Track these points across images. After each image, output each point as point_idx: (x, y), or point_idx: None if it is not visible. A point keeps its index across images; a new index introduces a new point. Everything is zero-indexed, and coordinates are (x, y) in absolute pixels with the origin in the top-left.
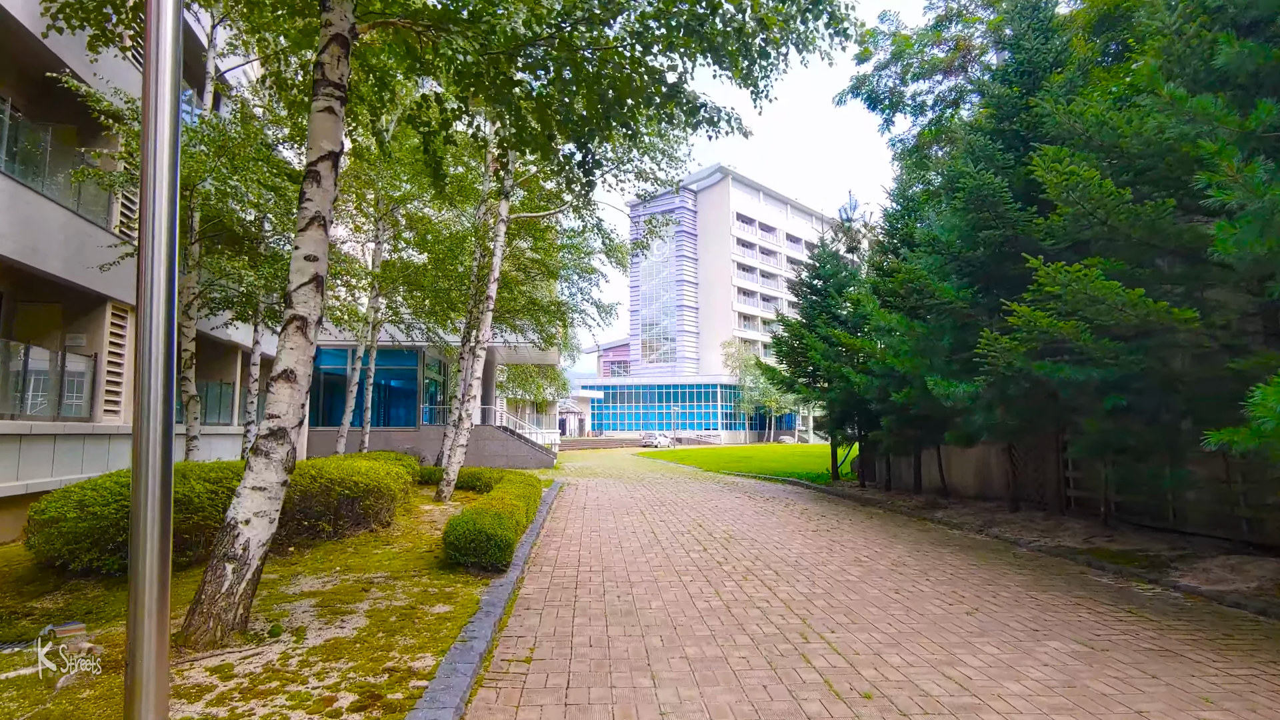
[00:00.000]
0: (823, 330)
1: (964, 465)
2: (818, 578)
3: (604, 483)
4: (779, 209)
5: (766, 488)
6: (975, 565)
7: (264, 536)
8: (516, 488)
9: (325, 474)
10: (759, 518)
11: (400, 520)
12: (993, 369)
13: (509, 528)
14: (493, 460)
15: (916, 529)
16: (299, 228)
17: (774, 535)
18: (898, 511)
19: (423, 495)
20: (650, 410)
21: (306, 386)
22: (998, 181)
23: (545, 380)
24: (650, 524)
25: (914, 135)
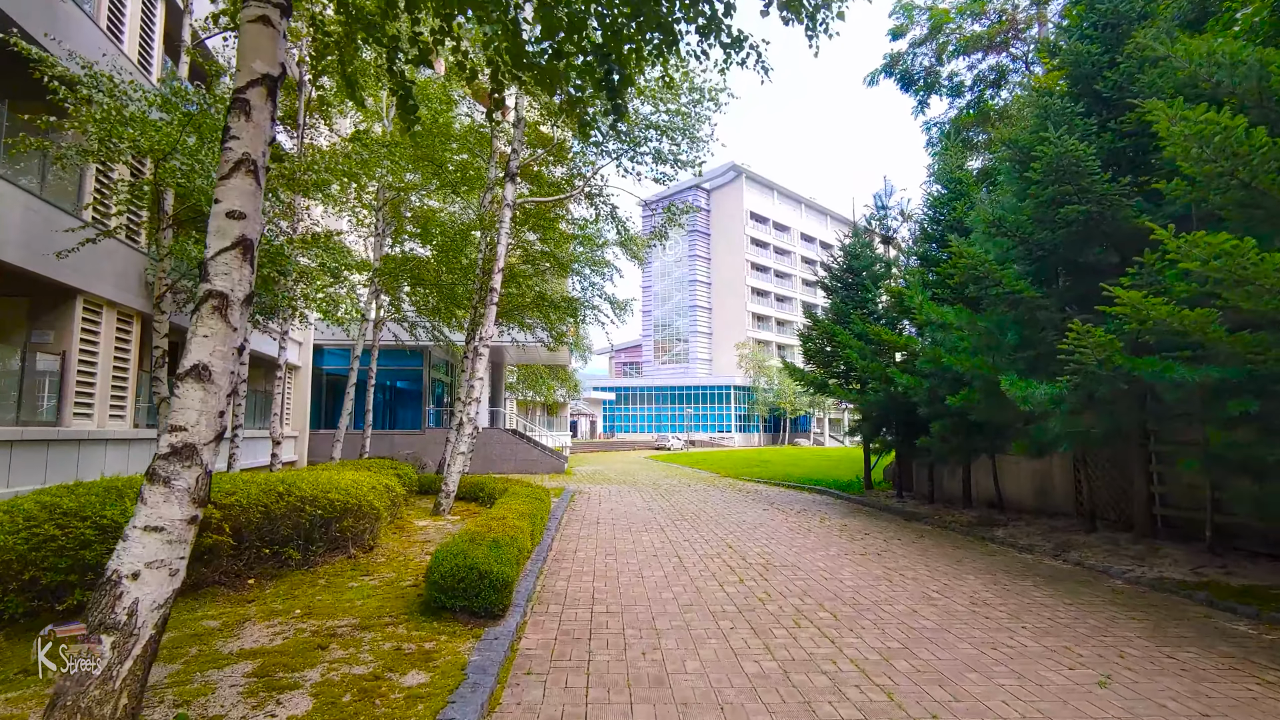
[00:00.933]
0: (858, 327)
1: (1020, 476)
2: (887, 624)
3: (618, 491)
4: (793, 208)
5: (793, 497)
6: (1071, 604)
7: (161, 595)
8: (522, 502)
9: (296, 490)
10: (794, 536)
11: (388, 541)
12: (1080, 367)
13: (508, 559)
14: (501, 465)
15: (980, 552)
16: (220, 174)
17: (817, 560)
18: (949, 528)
19: (419, 508)
20: (663, 412)
21: (228, 388)
22: (1083, 147)
23: (556, 381)
24: (673, 543)
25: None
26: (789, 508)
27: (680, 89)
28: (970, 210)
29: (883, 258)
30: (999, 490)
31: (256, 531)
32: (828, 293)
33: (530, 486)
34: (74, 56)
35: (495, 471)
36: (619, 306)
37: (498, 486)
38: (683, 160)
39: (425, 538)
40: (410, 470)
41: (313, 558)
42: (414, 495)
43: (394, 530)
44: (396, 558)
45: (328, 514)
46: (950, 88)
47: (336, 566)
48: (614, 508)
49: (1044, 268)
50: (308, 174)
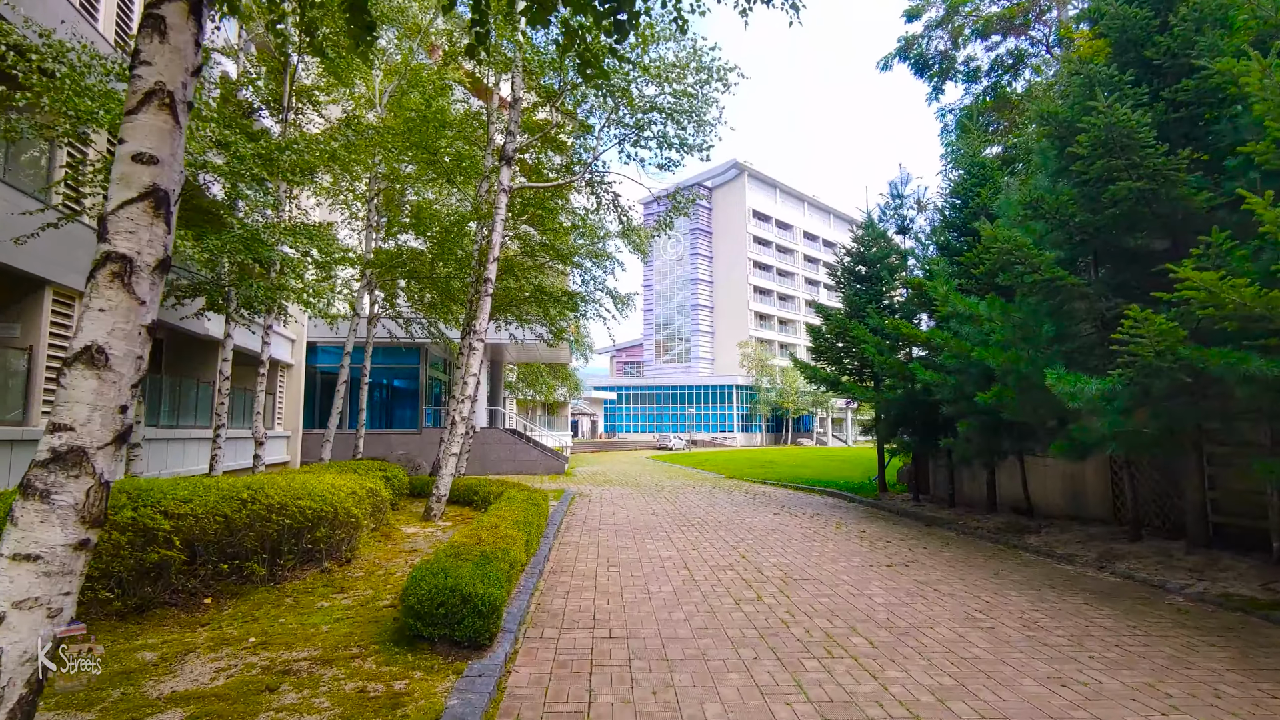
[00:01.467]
0: (873, 321)
1: (1049, 479)
2: (932, 652)
3: (620, 493)
4: (796, 206)
5: (804, 500)
6: (1136, 627)
7: (34, 643)
8: (517, 508)
9: (263, 497)
10: (811, 544)
11: (370, 551)
12: (1134, 359)
13: (497, 577)
14: (499, 466)
15: (1015, 563)
16: (126, 109)
17: (840, 572)
18: (975, 535)
19: (410, 513)
20: (664, 411)
21: (133, 376)
22: (1137, 116)
23: (556, 380)
24: (681, 553)
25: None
26: (801, 512)
27: (688, 67)
28: (995, 196)
29: (898, 248)
30: (1027, 494)
31: (214, 544)
32: (839, 286)
33: (528, 490)
34: (30, 24)
35: (494, 473)
36: (621, 301)
37: (493, 490)
38: (689, 144)
39: (412, 546)
40: (401, 472)
41: (281, 573)
42: (405, 498)
43: (378, 539)
44: (376, 571)
45: (298, 523)
46: (966, 73)
47: (307, 582)
48: (616, 512)
49: (1082, 253)
50: (286, 153)
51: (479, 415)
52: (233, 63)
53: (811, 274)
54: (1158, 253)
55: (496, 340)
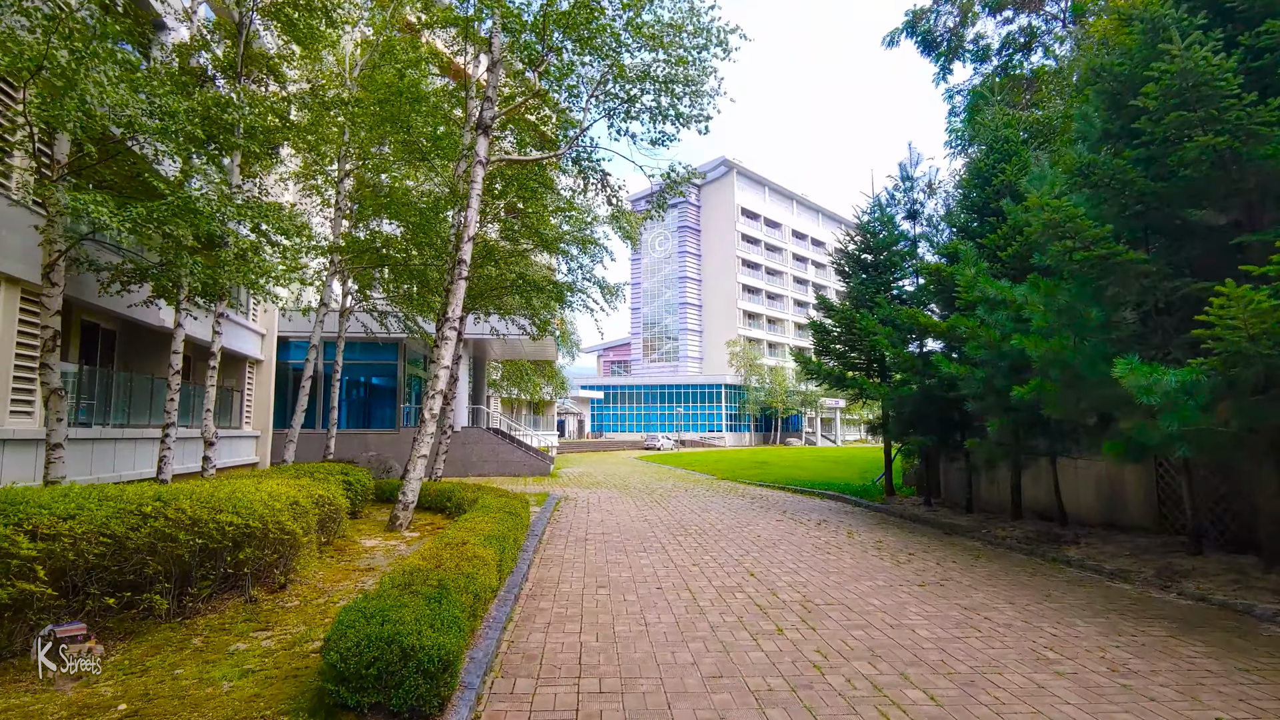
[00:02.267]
0: (884, 310)
1: (1080, 482)
2: (1014, 712)
3: (608, 496)
4: (785, 205)
5: (806, 504)
6: (1249, 670)
7: None
8: (492, 518)
9: (171, 511)
10: (825, 557)
11: (314, 572)
12: (1223, 344)
13: (454, 618)
14: (482, 467)
15: (1062, 581)
16: None
17: (867, 594)
18: (1004, 546)
19: (374, 521)
20: (652, 411)
21: None
22: (1219, 61)
23: (542, 379)
24: (679, 569)
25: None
26: (805, 518)
27: (683, 29)
28: (1021, 173)
29: (907, 234)
30: (1060, 500)
31: (98, 571)
32: (844, 276)
33: (507, 495)
34: None
35: (475, 474)
36: (609, 291)
37: (468, 496)
38: (685, 116)
39: (369, 564)
40: (365, 476)
41: (192, 604)
42: (371, 505)
43: (331, 554)
44: (315, 600)
45: (215, 543)
46: (975, 52)
47: (226, 615)
48: (604, 518)
49: (1134, 229)
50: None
51: (460, 414)
52: (187, 29)
53: (800, 273)
54: (1221, 228)
55: (478, 335)
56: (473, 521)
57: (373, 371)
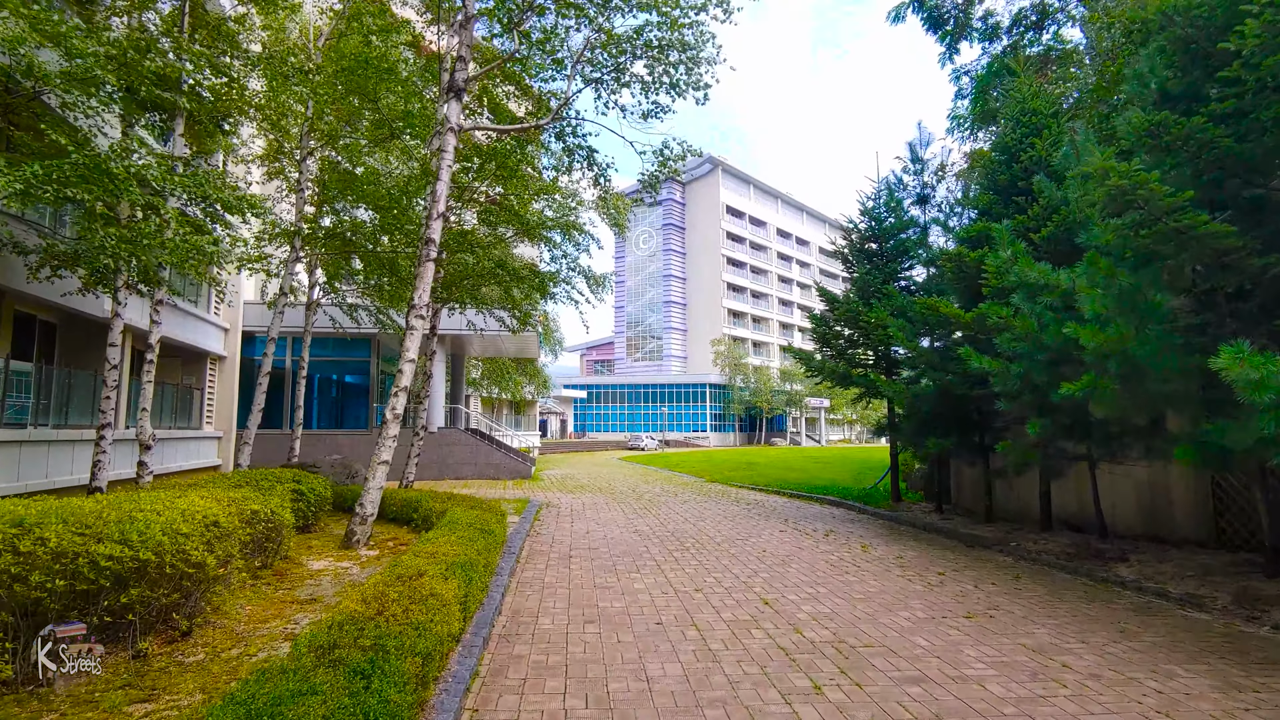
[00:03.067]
0: (896, 301)
1: (1117, 489)
2: None
3: (593, 502)
4: (770, 203)
5: (807, 511)
6: None
7: None
8: (461, 537)
9: (31, 540)
10: (844, 578)
11: (240, 607)
12: None
13: (386, 706)
14: (459, 469)
15: (1128, 609)
16: None
17: (908, 629)
18: (1042, 563)
19: (329, 536)
20: (635, 411)
21: None
22: None
23: (524, 378)
24: (681, 596)
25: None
26: (810, 527)
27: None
28: (1054, 148)
29: (917, 220)
30: (1099, 510)
31: None
32: (846, 265)
33: (481, 506)
34: None
35: (453, 477)
36: (596, 282)
37: (435, 507)
38: (680, 85)
39: (312, 593)
40: (322, 484)
41: (53, 665)
42: (329, 515)
43: (269, 581)
44: (228, 650)
45: (89, 584)
46: (983, 30)
47: (104, 677)
48: (590, 529)
49: (1211, 198)
50: (149, 57)
51: (436, 414)
52: None
53: (785, 271)
54: None
55: (455, 331)
56: (436, 542)
57: (344, 369)
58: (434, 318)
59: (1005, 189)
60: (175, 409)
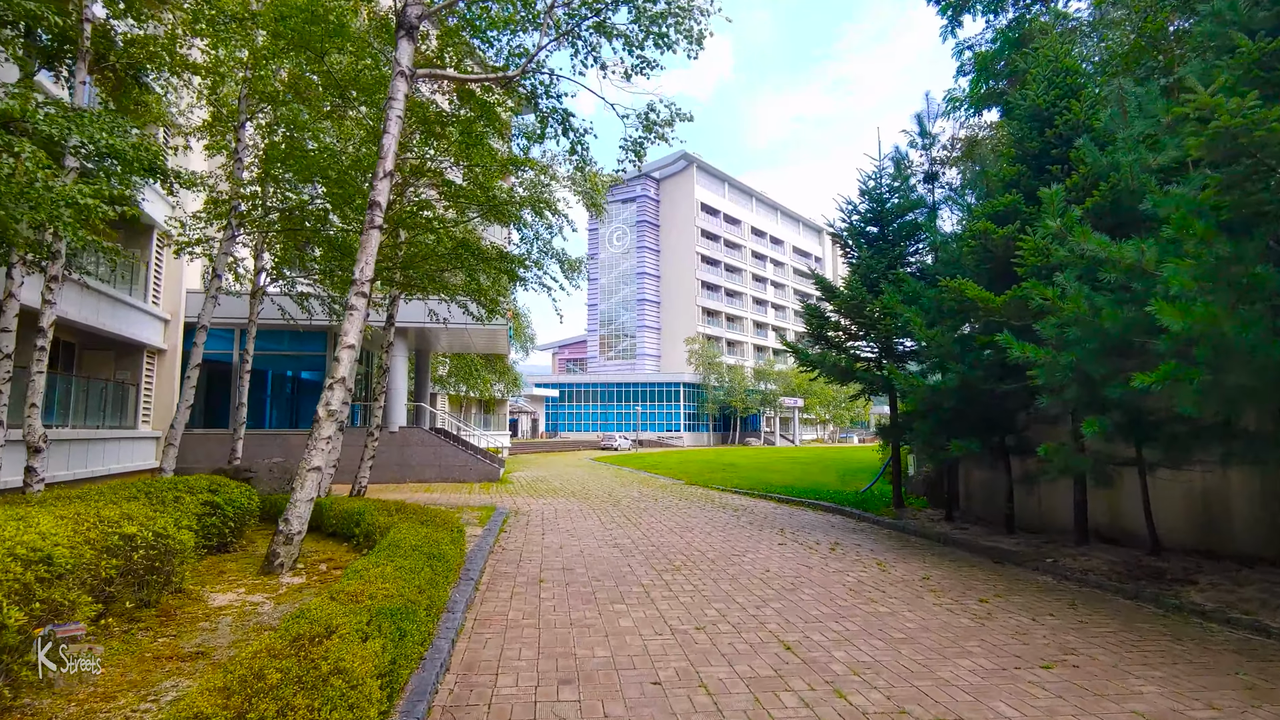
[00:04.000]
0: (909, 287)
1: (1163, 498)
2: None
3: (567, 509)
4: (745, 202)
5: (801, 518)
6: None
7: None
8: (399, 567)
9: None
10: (874, 610)
11: (86, 673)
12: None
13: None
14: (422, 472)
15: (1226, 647)
16: None
17: (981, 689)
18: (1091, 584)
19: (248, 557)
20: (609, 410)
21: None
22: None
23: (494, 375)
24: (680, 639)
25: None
26: (810, 538)
27: None
28: (1093, 111)
29: (924, 200)
30: (1151, 521)
31: None
32: (847, 249)
33: (434, 522)
34: None
35: (415, 480)
36: (570, 267)
37: (380, 521)
38: (668, 38)
39: (200, 644)
40: (243, 493)
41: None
42: (257, 528)
43: (149, 624)
44: None
45: None
46: (988, 3)
47: None
48: (564, 543)
49: None
50: None
51: (397, 412)
52: None
53: (759, 270)
54: None
55: (415, 323)
56: (368, 575)
57: (300, 364)
58: (391, 306)
59: (1036, 157)
60: (105, 407)
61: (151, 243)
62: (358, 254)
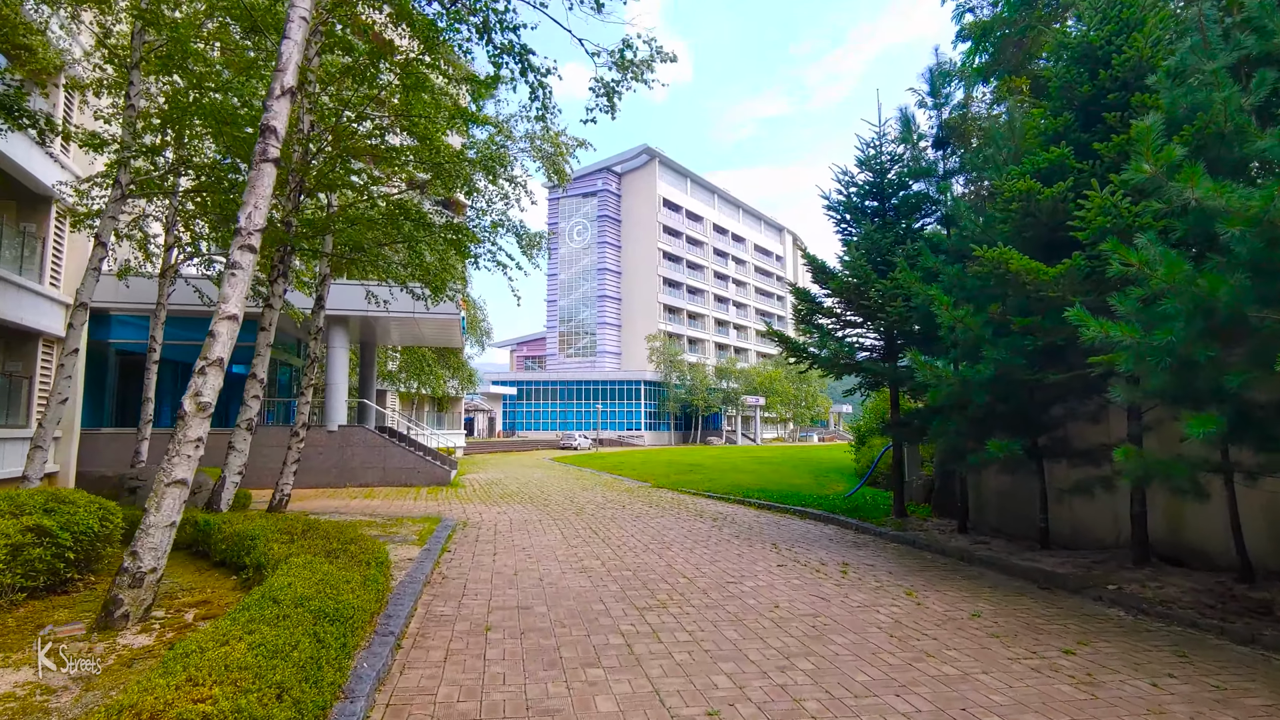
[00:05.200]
0: (925, 263)
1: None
2: None
3: (524, 519)
4: (707, 198)
5: (793, 530)
6: None
7: None
8: (269, 638)
9: None
10: (937, 672)
11: None
12: None
13: None
14: (364, 475)
15: None
16: None
17: None
18: (1185, 621)
19: (93, 601)
20: (568, 408)
21: None
22: None
23: (447, 371)
24: None
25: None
26: (812, 557)
27: None
28: (1155, 48)
29: (934, 168)
30: (1239, 538)
31: None
32: (841, 228)
33: (348, 553)
34: None
35: (356, 484)
36: (529, 242)
37: (274, 550)
38: None
39: None
40: (93, 516)
41: None
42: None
43: None
44: None
45: None
46: None
47: None
48: (520, 569)
49: None
50: None
51: (337, 410)
52: None
53: (721, 268)
54: None
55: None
56: (195, 666)
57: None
58: (320, 286)
59: (1085, 106)
60: None
61: (49, 217)
62: (244, 194)
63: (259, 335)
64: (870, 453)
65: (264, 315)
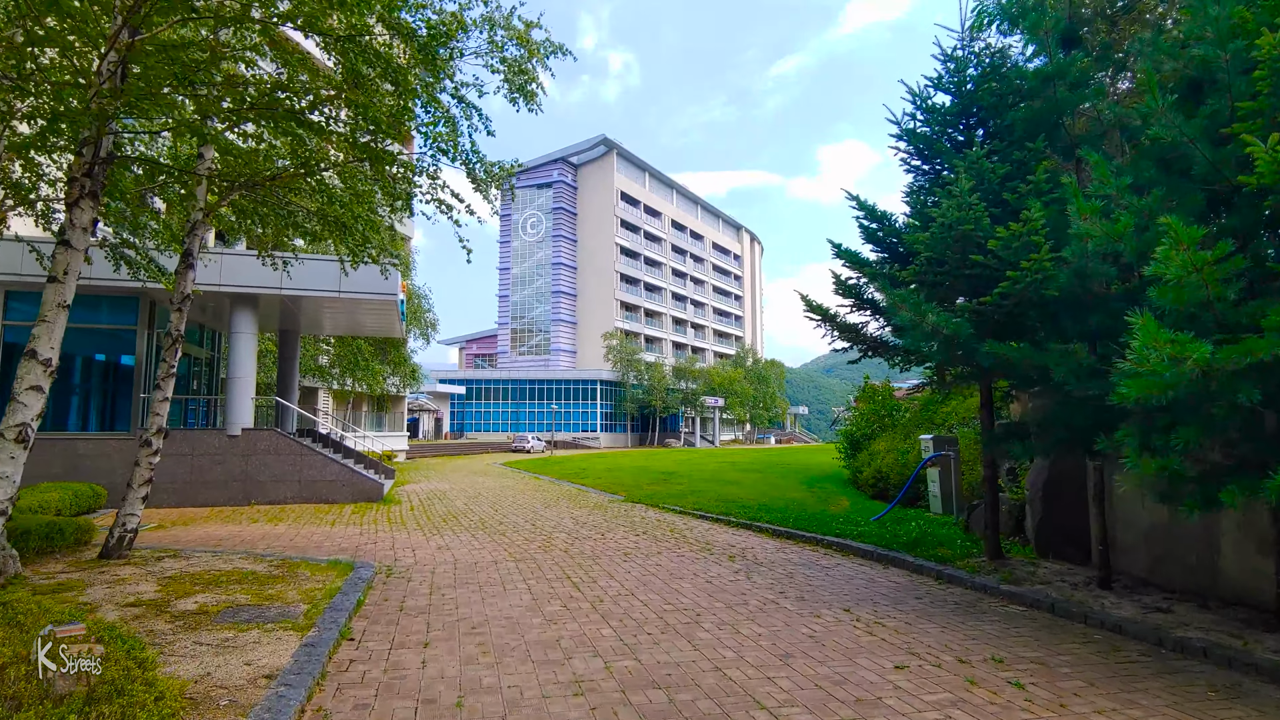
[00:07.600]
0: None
1: None
2: None
3: (475, 559)
4: (665, 194)
5: (857, 581)
6: None
7: None
8: None
9: None
10: None
11: None
12: None
13: None
14: (275, 490)
15: None
16: None
17: None
18: None
19: None
20: (520, 409)
21: None
22: None
23: (387, 366)
24: None
25: None
26: (926, 640)
27: None
28: None
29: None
30: None
31: None
32: (921, 162)
33: None
34: None
35: (265, 501)
36: (490, 175)
37: None
38: None
39: None
40: None
41: None
42: None
43: None
44: None
45: None
46: None
47: None
48: (469, 679)
49: None
50: None
51: (240, 410)
52: None
53: (679, 265)
54: None
55: (263, 288)
56: None
57: (95, 343)
58: (189, 236)
59: None
60: None
61: None
62: None
63: (47, 290)
64: (875, 460)
65: (57, 259)
